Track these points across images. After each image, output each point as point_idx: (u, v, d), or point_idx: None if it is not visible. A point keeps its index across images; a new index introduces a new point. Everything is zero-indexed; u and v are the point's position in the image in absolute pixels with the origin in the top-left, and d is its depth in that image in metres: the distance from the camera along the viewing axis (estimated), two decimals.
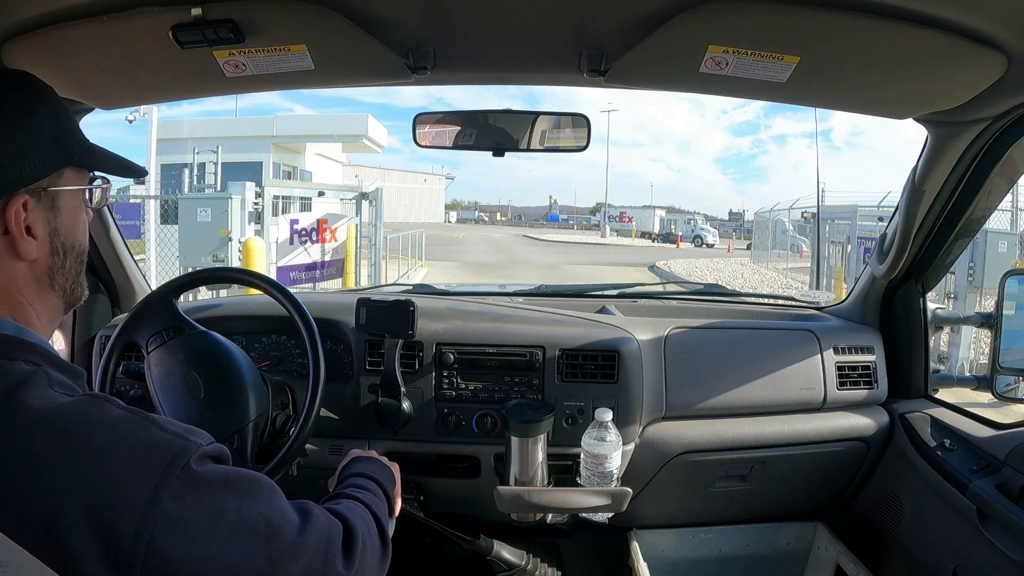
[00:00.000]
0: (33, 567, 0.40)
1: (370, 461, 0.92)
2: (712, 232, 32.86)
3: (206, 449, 0.53)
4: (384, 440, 1.26)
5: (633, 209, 44.20)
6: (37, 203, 0.57)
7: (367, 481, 0.84)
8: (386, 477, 0.90)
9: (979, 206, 1.18)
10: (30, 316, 0.58)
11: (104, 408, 0.51)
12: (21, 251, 0.56)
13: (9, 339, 0.54)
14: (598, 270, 13.83)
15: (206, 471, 0.52)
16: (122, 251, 1.41)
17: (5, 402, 0.49)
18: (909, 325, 1.39)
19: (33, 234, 0.56)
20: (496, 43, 0.98)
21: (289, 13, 0.82)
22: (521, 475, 1.17)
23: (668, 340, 1.33)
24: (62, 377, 0.54)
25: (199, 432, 0.55)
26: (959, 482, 1.14)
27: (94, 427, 0.49)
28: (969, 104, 0.95)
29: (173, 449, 0.51)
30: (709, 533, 1.46)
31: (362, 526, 0.68)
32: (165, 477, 0.49)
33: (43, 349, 0.56)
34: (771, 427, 1.32)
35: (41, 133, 0.57)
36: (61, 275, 0.61)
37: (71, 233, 0.61)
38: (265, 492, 0.56)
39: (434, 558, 1.60)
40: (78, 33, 0.83)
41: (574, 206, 72.78)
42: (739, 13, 0.79)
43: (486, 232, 36.43)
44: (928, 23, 0.77)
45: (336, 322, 1.29)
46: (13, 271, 0.56)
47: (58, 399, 0.51)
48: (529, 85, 1.18)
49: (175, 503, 0.48)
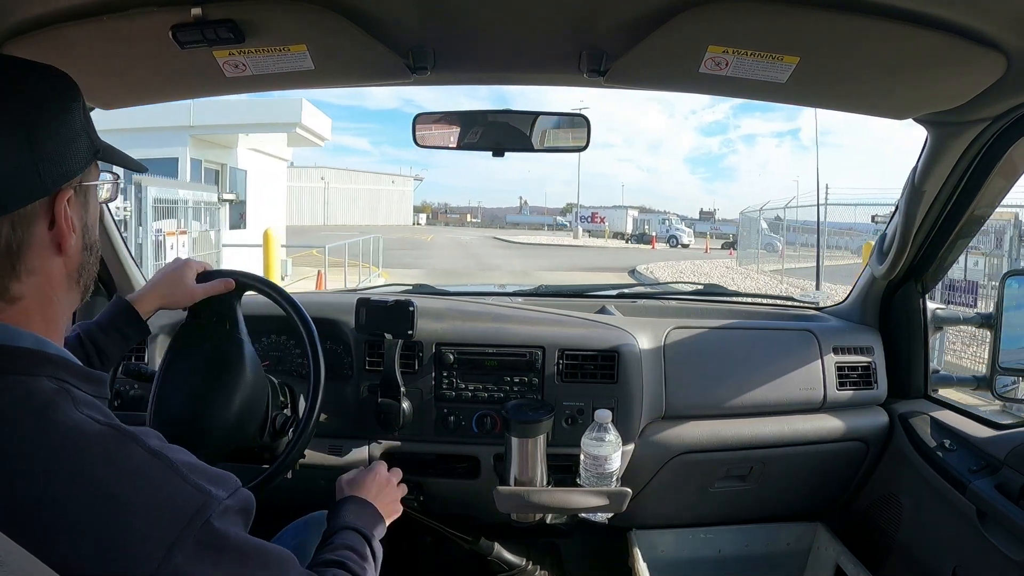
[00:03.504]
0: (33, 567, 0.40)
1: (363, 509, 0.90)
2: (687, 232, 32.15)
3: (228, 503, 0.52)
4: (384, 440, 1.26)
5: (605, 209, 43.42)
6: (75, 197, 0.56)
7: (358, 539, 0.83)
8: (376, 528, 0.89)
9: (979, 206, 1.18)
10: (57, 314, 0.57)
11: (130, 451, 0.50)
12: (66, 246, 0.55)
13: (30, 353, 0.52)
14: (575, 276, 12.64)
15: (227, 533, 0.51)
16: (121, 251, 1.41)
17: (31, 424, 0.48)
18: (909, 325, 1.39)
19: (73, 228, 0.56)
20: (496, 43, 0.98)
21: (289, 13, 0.82)
22: (521, 475, 1.17)
23: (668, 340, 1.33)
24: (86, 394, 0.53)
25: (224, 480, 0.54)
26: (959, 482, 1.14)
27: (117, 472, 0.48)
28: (969, 104, 0.95)
29: (194, 505, 0.50)
30: (709, 533, 1.46)
31: None
32: (182, 537, 0.48)
33: (65, 361, 0.55)
34: (771, 427, 1.32)
35: (78, 126, 0.57)
36: (87, 272, 0.60)
37: (94, 228, 0.61)
38: (277, 568, 0.56)
39: (434, 558, 1.60)
40: (78, 33, 0.83)
41: (544, 207, 72.05)
42: (739, 13, 0.79)
43: (455, 234, 35.73)
44: (928, 23, 0.77)
45: (336, 322, 1.29)
46: (51, 267, 0.55)
47: (85, 426, 0.49)
48: (529, 85, 1.18)
49: (188, 563, 0.48)
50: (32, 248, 0.53)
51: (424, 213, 61.72)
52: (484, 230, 46.65)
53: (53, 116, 0.54)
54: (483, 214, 71.22)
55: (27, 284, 0.54)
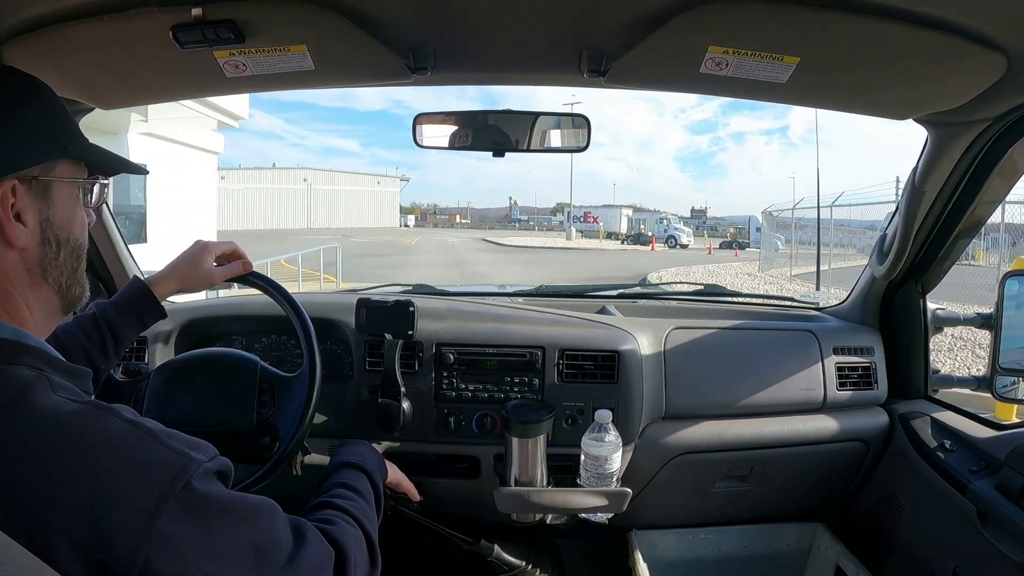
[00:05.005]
0: (33, 567, 0.40)
1: (360, 446, 0.93)
2: (686, 232, 31.19)
3: (207, 465, 0.53)
4: (384, 440, 1.26)
5: (597, 209, 42.30)
6: (27, 190, 0.57)
7: (357, 474, 0.84)
8: (375, 463, 0.90)
9: (979, 206, 1.18)
10: (21, 309, 0.58)
11: (108, 421, 0.51)
12: (8, 236, 0.55)
13: (8, 343, 0.54)
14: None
15: (208, 492, 0.52)
16: (122, 251, 1.41)
17: (9, 409, 0.49)
18: (909, 326, 1.39)
19: (23, 221, 0.57)
20: (496, 44, 0.98)
21: (289, 14, 0.82)
22: (521, 476, 1.17)
23: (668, 340, 1.33)
24: (65, 381, 0.54)
25: (202, 446, 0.55)
26: (959, 483, 1.14)
27: (97, 441, 0.49)
28: (969, 104, 0.95)
29: (174, 467, 0.51)
30: (709, 533, 1.46)
31: (354, 547, 0.68)
32: (164, 497, 0.49)
33: (44, 352, 0.56)
34: (771, 427, 1.32)
35: (30, 123, 0.58)
36: (54, 268, 0.60)
37: (65, 226, 0.61)
38: (262, 518, 0.57)
39: (434, 559, 1.60)
40: (78, 33, 0.83)
41: (534, 207, 71.44)
42: (739, 13, 0.79)
43: (442, 237, 34.60)
44: (928, 23, 0.77)
45: (336, 322, 1.29)
46: (3, 260, 0.56)
47: (63, 406, 0.50)
48: (529, 85, 1.18)
49: (172, 524, 0.49)
50: None
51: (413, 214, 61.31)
52: (473, 231, 45.39)
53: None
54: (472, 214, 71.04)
55: None
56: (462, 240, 30.24)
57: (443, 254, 20.33)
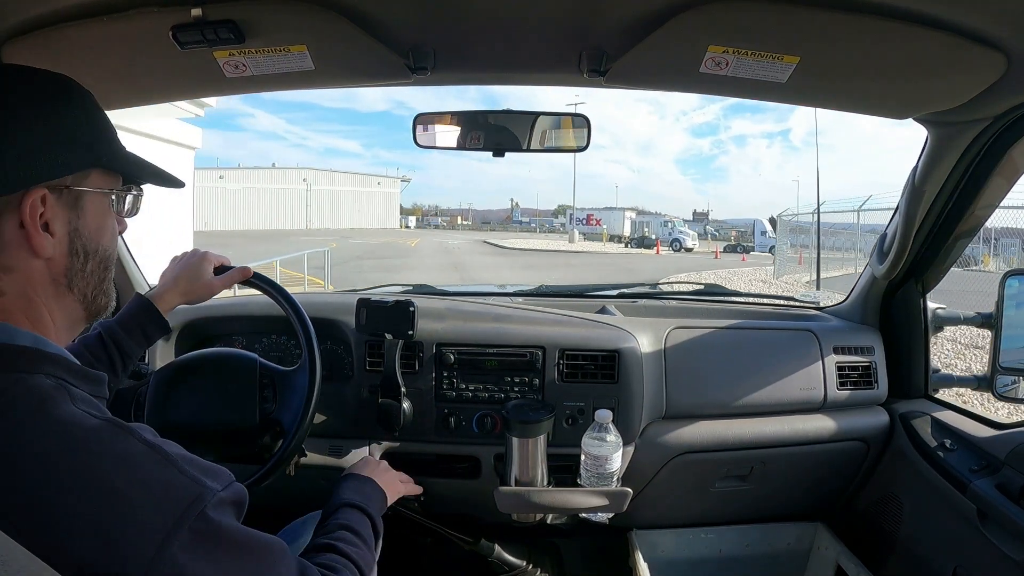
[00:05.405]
0: (34, 567, 0.40)
1: (365, 484, 0.91)
2: (691, 235, 30.20)
3: (222, 495, 0.52)
4: (384, 440, 1.26)
5: (599, 211, 41.78)
6: (57, 199, 0.56)
7: (362, 518, 0.83)
8: (376, 501, 0.89)
9: (979, 206, 1.18)
10: (44, 317, 0.57)
11: (126, 442, 0.50)
12: (35, 246, 0.54)
13: (28, 351, 0.53)
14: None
15: (221, 523, 0.51)
16: (123, 251, 1.41)
17: (28, 420, 0.48)
18: (909, 325, 1.39)
19: (51, 231, 0.55)
20: (496, 44, 0.98)
21: (289, 14, 0.82)
22: (521, 475, 1.17)
23: (668, 340, 1.33)
24: (84, 392, 0.53)
25: (218, 473, 0.54)
26: (959, 482, 1.14)
27: (114, 463, 0.49)
28: (969, 104, 0.95)
29: (190, 495, 0.50)
30: (709, 533, 1.46)
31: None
32: (178, 526, 0.48)
33: (63, 359, 0.55)
34: (771, 427, 1.32)
35: (67, 131, 0.57)
36: (80, 278, 0.59)
37: (95, 236, 0.60)
38: (271, 556, 0.56)
39: (434, 559, 1.60)
40: (78, 33, 0.83)
41: (536, 208, 71.22)
42: (739, 13, 0.79)
43: (443, 238, 33.83)
44: (928, 23, 0.77)
45: (336, 322, 1.29)
46: (29, 268, 0.55)
47: (83, 421, 0.50)
48: (529, 85, 1.18)
49: (184, 554, 0.48)
50: (6, 245, 0.54)
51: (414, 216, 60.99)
52: (474, 233, 44.67)
53: (35, 116, 0.55)
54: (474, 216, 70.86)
55: (5, 281, 0.54)
56: (462, 242, 29.62)
57: (443, 256, 19.98)
